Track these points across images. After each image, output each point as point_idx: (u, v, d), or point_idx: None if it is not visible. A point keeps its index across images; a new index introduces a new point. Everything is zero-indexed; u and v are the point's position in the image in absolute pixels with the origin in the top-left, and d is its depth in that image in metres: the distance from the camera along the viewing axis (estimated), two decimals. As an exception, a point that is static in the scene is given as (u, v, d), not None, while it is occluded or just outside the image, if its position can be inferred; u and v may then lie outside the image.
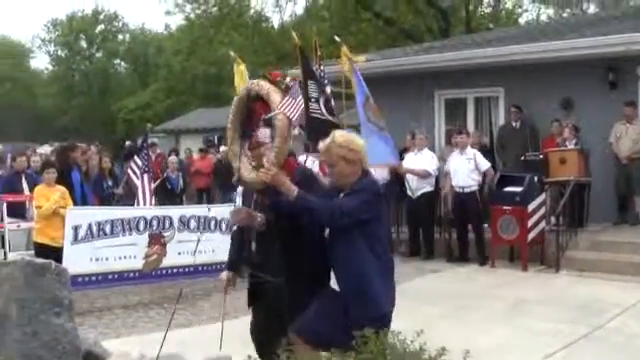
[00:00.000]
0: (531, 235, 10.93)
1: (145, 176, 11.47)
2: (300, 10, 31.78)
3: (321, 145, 4.55)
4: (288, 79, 4.68)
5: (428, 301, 8.79)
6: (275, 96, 4.52)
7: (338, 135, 4.55)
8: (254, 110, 4.68)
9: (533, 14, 33.20)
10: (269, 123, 4.55)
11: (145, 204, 11.21)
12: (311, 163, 13.26)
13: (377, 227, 4.50)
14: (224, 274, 5.11)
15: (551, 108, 12.76)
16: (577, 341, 6.98)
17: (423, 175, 12.10)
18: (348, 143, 4.48)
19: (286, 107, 4.43)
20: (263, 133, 4.58)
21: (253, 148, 4.64)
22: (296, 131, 5.71)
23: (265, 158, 4.44)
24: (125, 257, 9.52)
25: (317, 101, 11.37)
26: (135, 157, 12.29)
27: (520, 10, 33.92)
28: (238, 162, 4.72)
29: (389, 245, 4.70)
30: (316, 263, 4.54)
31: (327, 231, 4.53)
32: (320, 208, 4.36)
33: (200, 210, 10.60)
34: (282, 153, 4.45)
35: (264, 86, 4.61)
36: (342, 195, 4.47)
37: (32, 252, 9.80)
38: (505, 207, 11.01)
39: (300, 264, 4.53)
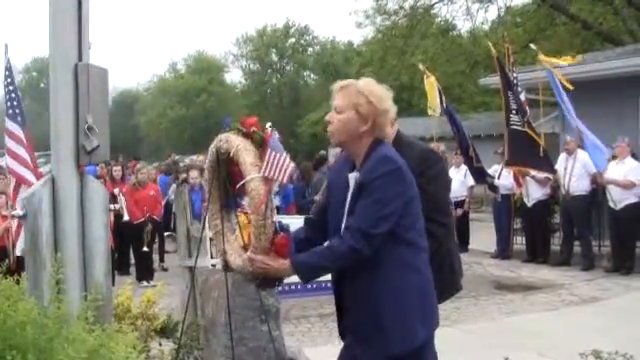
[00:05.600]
0: None
1: None
2: (491, 16, 31.05)
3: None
4: (268, 128, 3.60)
5: (634, 321, 8.22)
6: (245, 156, 3.47)
7: (363, 80, 3.47)
8: (235, 173, 3.64)
9: None
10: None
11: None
12: (506, 176, 12.94)
13: (410, 221, 3.33)
14: None
15: None
16: None
17: (626, 185, 11.42)
18: (369, 91, 3.36)
19: (268, 168, 3.40)
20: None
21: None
22: None
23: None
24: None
25: (517, 112, 11.08)
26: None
27: None
28: (223, 242, 3.73)
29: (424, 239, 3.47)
30: None
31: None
32: (332, 257, 3.31)
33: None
34: (263, 232, 3.41)
35: (233, 142, 3.55)
36: (352, 181, 3.38)
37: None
38: None
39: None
